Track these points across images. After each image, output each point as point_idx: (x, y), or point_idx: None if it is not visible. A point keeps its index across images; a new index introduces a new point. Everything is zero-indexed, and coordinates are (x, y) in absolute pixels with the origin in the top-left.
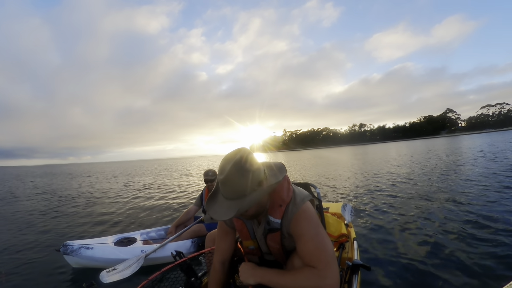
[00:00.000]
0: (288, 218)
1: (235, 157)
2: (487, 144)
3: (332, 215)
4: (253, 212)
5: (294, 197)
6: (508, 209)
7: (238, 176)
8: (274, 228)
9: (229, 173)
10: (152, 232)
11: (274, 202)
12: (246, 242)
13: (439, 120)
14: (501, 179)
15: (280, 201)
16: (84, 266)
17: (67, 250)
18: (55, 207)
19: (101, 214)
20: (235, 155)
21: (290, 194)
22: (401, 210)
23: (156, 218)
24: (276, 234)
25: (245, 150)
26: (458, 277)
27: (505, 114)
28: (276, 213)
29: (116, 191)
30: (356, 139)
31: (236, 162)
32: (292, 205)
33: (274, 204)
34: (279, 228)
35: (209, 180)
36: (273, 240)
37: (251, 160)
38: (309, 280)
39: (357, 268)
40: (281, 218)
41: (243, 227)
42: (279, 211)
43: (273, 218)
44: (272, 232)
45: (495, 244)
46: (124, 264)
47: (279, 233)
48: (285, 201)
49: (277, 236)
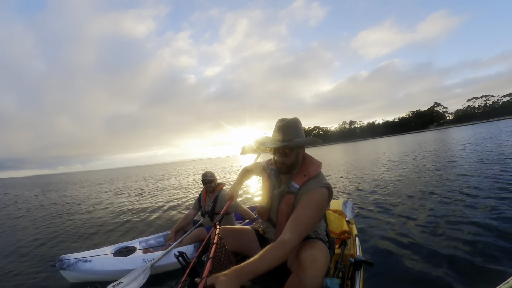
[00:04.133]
0: (306, 188)
1: (292, 117)
2: (482, 133)
3: (334, 212)
4: (291, 162)
5: (320, 176)
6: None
7: (296, 124)
8: (291, 192)
9: (290, 120)
10: (151, 239)
11: (301, 171)
12: (263, 199)
13: (427, 114)
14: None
15: (306, 172)
16: (83, 281)
17: (63, 264)
18: (45, 220)
19: (96, 224)
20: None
21: (317, 172)
22: (401, 205)
23: (153, 225)
24: (291, 197)
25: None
26: (460, 272)
27: (490, 106)
28: (298, 180)
29: (108, 199)
30: (347, 136)
31: (295, 118)
32: (314, 181)
33: (300, 173)
34: (295, 193)
35: (207, 182)
36: (286, 203)
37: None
38: (272, 253)
39: (359, 265)
40: (301, 185)
41: (269, 184)
42: (301, 179)
43: (294, 183)
44: (288, 194)
45: (497, 240)
46: (129, 276)
47: (294, 196)
48: (310, 175)
49: (291, 198)
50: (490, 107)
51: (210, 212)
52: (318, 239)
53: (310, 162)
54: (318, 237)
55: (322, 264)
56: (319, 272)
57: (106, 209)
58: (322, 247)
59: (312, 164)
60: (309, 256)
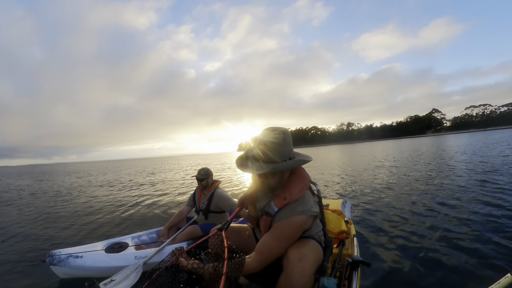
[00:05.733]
0: (283, 214)
1: (281, 128)
2: (476, 142)
3: (332, 212)
4: (274, 184)
5: (301, 201)
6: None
7: (283, 142)
8: (269, 213)
9: (277, 137)
10: (143, 235)
11: (283, 192)
12: (250, 207)
13: (425, 120)
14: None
15: (287, 194)
16: (73, 277)
17: (53, 260)
18: (36, 212)
19: (87, 218)
20: (279, 127)
21: (300, 195)
22: (399, 206)
23: (146, 220)
24: (268, 219)
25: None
26: (455, 272)
27: (488, 115)
28: (278, 202)
29: (101, 192)
30: (344, 138)
31: (285, 131)
32: (292, 207)
33: (282, 194)
34: (272, 215)
35: (199, 179)
36: (263, 223)
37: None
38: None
39: (357, 265)
40: (278, 209)
41: (253, 192)
42: (281, 202)
43: (273, 204)
44: (266, 215)
45: (495, 239)
46: (121, 273)
47: (270, 219)
48: (291, 198)
49: (268, 221)
50: (487, 116)
51: (205, 210)
52: (311, 238)
53: (295, 181)
54: (312, 236)
55: (311, 261)
56: (306, 270)
57: (99, 203)
58: (313, 245)
59: (297, 183)
60: (296, 253)
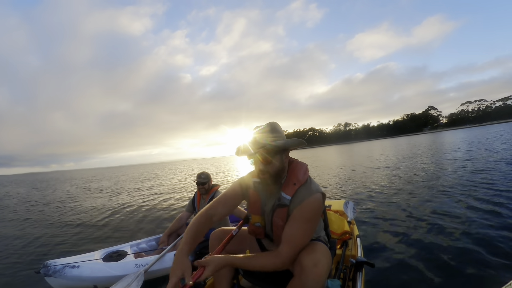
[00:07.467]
0: (298, 199)
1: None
2: (474, 137)
3: (335, 213)
4: (276, 169)
5: (310, 182)
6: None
7: (274, 127)
8: (283, 204)
9: (267, 125)
10: (142, 243)
11: (289, 179)
12: (255, 217)
13: (422, 118)
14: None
15: (295, 179)
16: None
17: (49, 271)
18: (29, 221)
19: (83, 226)
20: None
21: (306, 177)
22: (403, 206)
23: (144, 228)
24: (284, 210)
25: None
26: (462, 274)
27: (483, 110)
28: (289, 190)
29: (98, 199)
30: (342, 138)
31: (272, 122)
32: (305, 189)
33: (289, 181)
34: (288, 205)
35: (201, 183)
36: (280, 216)
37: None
38: (268, 259)
39: (361, 266)
40: (292, 196)
41: (257, 200)
42: (292, 189)
43: (284, 194)
44: (280, 207)
45: (500, 242)
46: (122, 283)
47: (287, 209)
48: (300, 181)
49: (284, 212)
50: (483, 111)
51: None
52: (318, 240)
53: (296, 167)
54: (319, 238)
55: (325, 267)
56: (322, 276)
57: (95, 210)
58: (324, 249)
59: (299, 168)
60: (311, 259)
